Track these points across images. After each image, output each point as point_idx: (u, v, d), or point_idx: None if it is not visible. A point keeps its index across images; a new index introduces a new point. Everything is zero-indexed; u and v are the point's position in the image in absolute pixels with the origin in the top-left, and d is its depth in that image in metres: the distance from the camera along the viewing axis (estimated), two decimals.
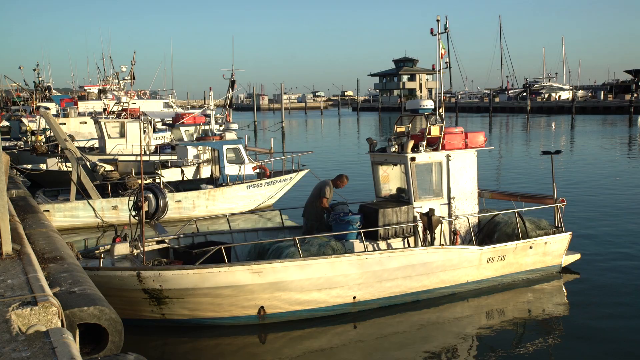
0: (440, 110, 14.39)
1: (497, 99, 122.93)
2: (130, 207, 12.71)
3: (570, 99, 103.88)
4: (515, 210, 14.33)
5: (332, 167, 36.66)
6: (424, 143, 13.71)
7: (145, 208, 12.40)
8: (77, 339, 5.32)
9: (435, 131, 13.90)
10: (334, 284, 12.06)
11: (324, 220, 13.85)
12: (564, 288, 14.10)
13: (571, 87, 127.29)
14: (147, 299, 11.50)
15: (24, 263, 6.55)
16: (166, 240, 13.77)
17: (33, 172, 27.23)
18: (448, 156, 13.94)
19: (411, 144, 13.63)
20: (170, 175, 25.51)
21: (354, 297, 12.38)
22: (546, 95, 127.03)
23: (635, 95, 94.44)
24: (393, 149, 13.89)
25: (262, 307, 11.87)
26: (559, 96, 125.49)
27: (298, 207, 14.72)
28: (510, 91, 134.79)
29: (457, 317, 12.65)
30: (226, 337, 11.68)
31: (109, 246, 12.82)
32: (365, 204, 14.00)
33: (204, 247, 12.15)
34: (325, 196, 13.98)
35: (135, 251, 12.56)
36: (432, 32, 14.50)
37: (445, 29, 14.40)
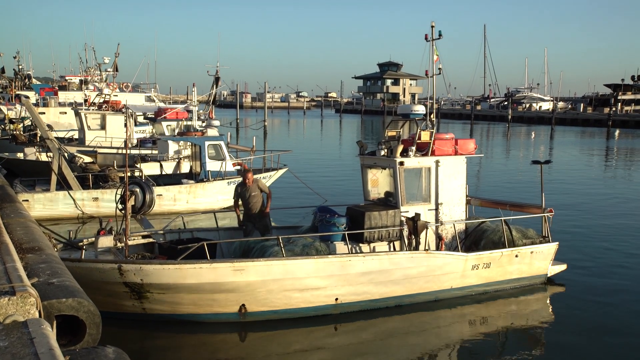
0: (432, 116, 14.31)
1: (479, 107, 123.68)
2: (117, 200, 12.55)
3: (550, 109, 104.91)
4: (502, 218, 14.28)
5: (311, 167, 36.63)
6: (414, 148, 13.63)
7: (132, 202, 12.22)
8: (55, 330, 5.21)
9: (425, 136, 13.84)
10: (317, 285, 11.97)
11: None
12: (548, 298, 14.08)
13: (552, 98, 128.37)
14: (128, 292, 11.37)
15: (2, 252, 6.45)
16: (152, 235, 13.59)
17: (11, 160, 26.80)
18: (437, 162, 13.87)
19: (400, 148, 13.56)
20: (148, 169, 25.26)
21: (336, 299, 12.28)
22: (527, 105, 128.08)
23: (613, 109, 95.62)
24: (382, 153, 13.82)
25: (243, 305, 11.78)
26: (540, 107, 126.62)
27: (282, 207, 14.57)
28: (492, 100, 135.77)
29: (439, 323, 12.62)
30: (206, 334, 11.60)
31: (93, 238, 12.65)
32: (352, 206, 13.91)
33: (190, 244, 11.98)
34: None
35: (119, 244, 12.39)
36: (426, 38, 14.43)
37: (440, 35, 14.33)
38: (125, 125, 29.92)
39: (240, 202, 14.13)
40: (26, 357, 3.96)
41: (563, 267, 15.02)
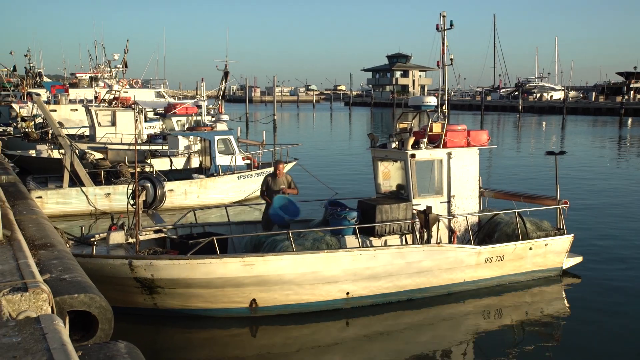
0: (444, 108, 14.17)
1: (489, 98, 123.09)
2: (128, 195, 12.57)
3: (562, 99, 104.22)
4: (516, 210, 14.11)
5: (321, 160, 36.55)
6: (425, 140, 13.51)
7: (143, 197, 12.23)
8: (67, 325, 5.24)
9: (437, 128, 13.70)
10: (327, 279, 11.91)
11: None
12: (564, 291, 13.92)
13: (563, 88, 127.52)
14: (139, 287, 11.38)
15: (15, 249, 6.53)
16: (164, 230, 13.61)
17: (23, 157, 26.96)
18: (449, 154, 13.74)
19: (412, 140, 13.41)
20: (159, 164, 25.33)
21: (347, 293, 12.22)
22: (538, 95, 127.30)
23: (626, 97, 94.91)
24: (393, 145, 13.70)
25: (254, 299, 11.75)
26: (551, 96, 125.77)
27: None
28: (502, 90, 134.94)
29: (452, 317, 12.49)
30: (218, 329, 11.61)
31: (105, 234, 12.69)
32: (364, 199, 13.80)
33: (201, 238, 11.97)
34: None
35: (131, 239, 12.40)
36: (437, 28, 14.28)
37: (451, 25, 14.16)
38: (135, 121, 30.01)
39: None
40: (39, 352, 4.00)
41: (579, 259, 14.84)
